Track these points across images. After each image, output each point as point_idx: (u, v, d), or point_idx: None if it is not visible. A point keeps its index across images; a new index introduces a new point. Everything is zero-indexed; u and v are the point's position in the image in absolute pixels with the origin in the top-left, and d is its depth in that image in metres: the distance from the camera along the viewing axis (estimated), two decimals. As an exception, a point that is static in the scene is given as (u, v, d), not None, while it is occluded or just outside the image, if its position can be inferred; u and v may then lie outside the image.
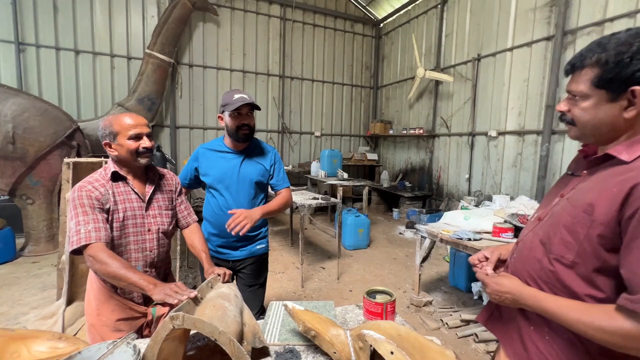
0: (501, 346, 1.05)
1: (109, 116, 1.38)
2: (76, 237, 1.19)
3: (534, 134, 4.55)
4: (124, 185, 1.36)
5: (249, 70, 6.98)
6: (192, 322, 0.90)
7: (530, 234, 0.95)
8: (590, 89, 0.78)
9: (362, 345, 1.03)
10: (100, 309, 1.35)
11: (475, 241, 2.40)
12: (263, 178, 1.83)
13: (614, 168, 0.79)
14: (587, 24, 3.91)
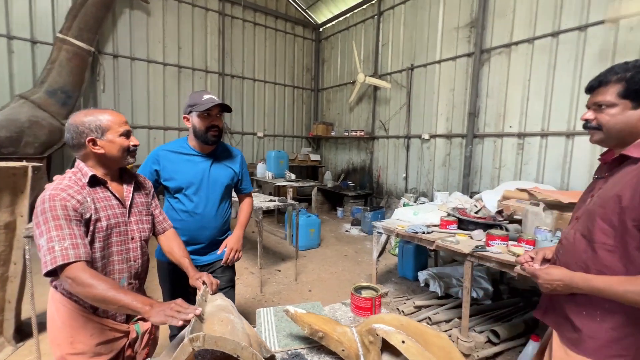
0: (555, 335, 1.18)
1: (80, 112, 1.20)
2: (50, 257, 1.01)
3: (460, 137, 5.21)
4: (102, 190, 1.21)
5: (185, 66, 6.50)
6: (213, 342, 0.86)
7: (571, 231, 1.13)
8: (616, 99, 1.00)
9: (372, 339, 1.09)
10: (76, 336, 1.17)
11: (428, 234, 2.67)
12: (232, 182, 1.80)
13: (630, 166, 1.00)
14: (498, 44, 4.64)
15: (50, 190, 1.09)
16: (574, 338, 1.10)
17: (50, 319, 1.21)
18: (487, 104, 4.81)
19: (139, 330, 1.32)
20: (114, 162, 1.23)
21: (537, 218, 2.49)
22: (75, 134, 1.17)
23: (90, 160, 1.20)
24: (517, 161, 4.52)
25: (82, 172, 1.18)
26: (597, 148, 3.76)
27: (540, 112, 4.25)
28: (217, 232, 1.77)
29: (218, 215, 1.75)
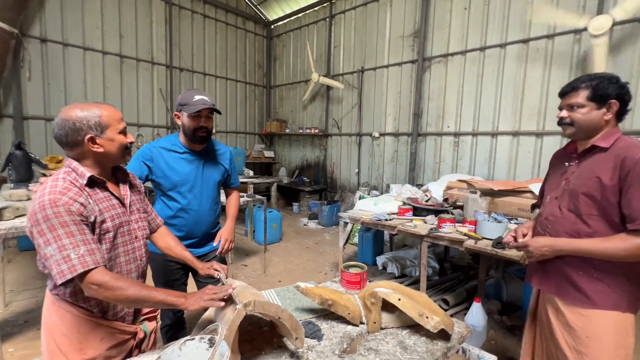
0: (558, 299, 1.37)
1: (73, 107, 1.10)
2: (66, 266, 0.98)
3: (406, 135, 5.78)
4: (101, 190, 1.16)
5: (128, 56, 6.02)
6: (261, 306, 1.02)
7: (555, 208, 1.37)
8: (586, 101, 1.28)
9: (374, 301, 1.33)
10: (85, 342, 1.14)
11: (390, 220, 3.03)
12: (223, 178, 1.89)
13: (599, 154, 1.28)
14: (437, 54, 5.27)
15: (49, 195, 1.01)
16: (578, 297, 1.31)
17: (51, 328, 1.15)
18: (429, 106, 5.44)
19: (146, 330, 1.34)
20: (112, 161, 1.19)
21: (475, 203, 3.01)
22: (70, 130, 1.07)
23: (86, 160, 1.13)
24: (453, 156, 5.22)
25: (78, 172, 1.10)
26: (515, 145, 4.57)
27: (471, 115, 4.97)
28: (210, 226, 1.86)
29: (211, 210, 1.84)
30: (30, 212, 1.02)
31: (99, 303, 1.17)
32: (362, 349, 1.21)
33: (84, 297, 1.14)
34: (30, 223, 1.02)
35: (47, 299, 1.19)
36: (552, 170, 1.52)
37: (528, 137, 4.45)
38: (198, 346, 0.91)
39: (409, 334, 1.32)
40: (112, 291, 1.02)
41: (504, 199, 3.05)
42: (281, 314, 1.05)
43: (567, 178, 1.37)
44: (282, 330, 1.15)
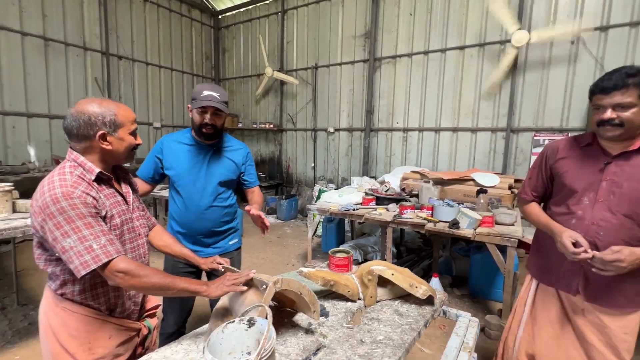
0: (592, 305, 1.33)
1: (89, 101, 1.09)
2: (89, 256, 0.98)
3: (359, 130, 6.12)
4: (107, 187, 1.15)
5: (54, 39, 5.30)
6: (287, 283, 1.14)
7: (606, 214, 1.26)
8: (637, 100, 1.17)
9: (370, 277, 1.51)
10: (94, 341, 1.12)
11: (357, 210, 3.26)
12: (233, 175, 1.78)
13: None
14: (387, 55, 5.67)
15: (60, 188, 1.00)
16: (622, 302, 1.29)
17: (55, 330, 1.11)
18: (380, 103, 5.83)
19: (150, 326, 1.34)
20: (116, 160, 1.18)
21: (429, 191, 3.40)
22: (84, 124, 1.06)
23: (92, 155, 1.11)
24: (402, 150, 5.70)
25: (86, 167, 1.09)
26: (454, 140, 5.18)
27: (417, 112, 5.48)
28: (213, 223, 1.76)
29: (215, 207, 1.75)
30: (40, 206, 0.99)
31: (107, 301, 1.16)
32: (365, 320, 1.38)
33: (92, 295, 1.13)
34: (41, 217, 0.99)
35: (47, 301, 1.15)
36: (573, 166, 1.38)
37: (465, 132, 5.08)
38: (238, 327, 0.98)
39: (401, 303, 1.53)
40: (138, 278, 1.03)
41: (452, 187, 3.50)
42: (302, 289, 1.17)
43: (611, 179, 1.27)
44: (300, 305, 1.27)
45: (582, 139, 1.40)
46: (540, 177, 1.52)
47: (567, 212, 1.37)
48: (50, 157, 5.34)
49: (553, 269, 1.45)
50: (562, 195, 1.42)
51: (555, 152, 1.46)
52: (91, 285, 1.12)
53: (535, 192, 1.55)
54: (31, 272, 3.64)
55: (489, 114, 4.87)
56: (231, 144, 1.84)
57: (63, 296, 1.11)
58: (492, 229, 2.62)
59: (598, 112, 1.26)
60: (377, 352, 1.14)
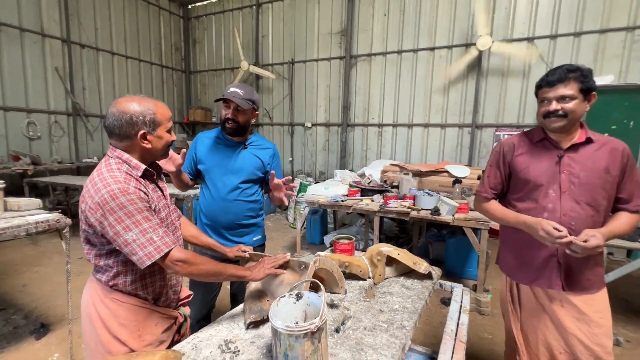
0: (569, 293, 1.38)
1: (129, 99, 1.11)
2: (152, 247, 1.05)
3: (336, 126, 6.32)
4: (150, 182, 1.20)
5: (6, 23, 4.84)
6: (323, 262, 1.29)
7: (573, 204, 1.34)
8: (577, 93, 1.27)
9: (380, 257, 1.71)
10: (143, 329, 1.19)
11: (344, 201, 3.46)
12: (258, 172, 1.82)
13: (591, 145, 1.34)
14: (362, 53, 5.90)
15: (115, 185, 1.04)
16: (587, 285, 1.38)
17: (105, 320, 1.16)
18: (356, 99, 6.07)
19: (185, 314, 1.41)
20: (154, 157, 1.21)
21: (408, 183, 3.69)
22: (126, 123, 1.09)
23: (133, 153, 1.15)
24: (378, 145, 6.00)
25: (132, 164, 1.12)
26: (426, 135, 5.56)
27: (391, 109, 5.80)
28: (237, 217, 1.81)
29: (240, 201, 1.80)
30: (98, 202, 1.03)
31: (154, 290, 1.23)
32: (378, 294, 1.57)
33: (142, 285, 1.19)
34: (100, 212, 1.03)
35: (96, 293, 1.18)
36: (532, 161, 1.43)
37: (435, 128, 5.48)
38: (288, 301, 1.12)
39: (405, 279, 1.74)
40: (195, 266, 1.12)
41: (428, 178, 3.83)
42: (333, 267, 1.34)
43: (568, 170, 1.35)
44: (329, 281, 1.43)
45: (534, 135, 1.46)
46: (499, 175, 1.54)
47: (535, 207, 1.41)
48: (7, 153, 4.92)
49: (529, 267, 1.46)
50: (527, 191, 1.44)
51: (512, 149, 1.49)
52: (141, 275, 1.18)
53: (494, 190, 1.56)
54: (1, 276, 3.41)
55: (456, 111, 5.30)
56: (260, 143, 1.89)
57: (114, 287, 1.16)
58: (468, 214, 2.95)
59: (544, 104, 1.34)
60: (396, 317, 1.34)
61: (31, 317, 2.70)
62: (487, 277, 3.30)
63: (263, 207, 2.01)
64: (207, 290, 1.88)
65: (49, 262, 3.82)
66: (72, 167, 5.34)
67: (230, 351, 1.11)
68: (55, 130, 5.54)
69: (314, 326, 0.95)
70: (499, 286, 3.30)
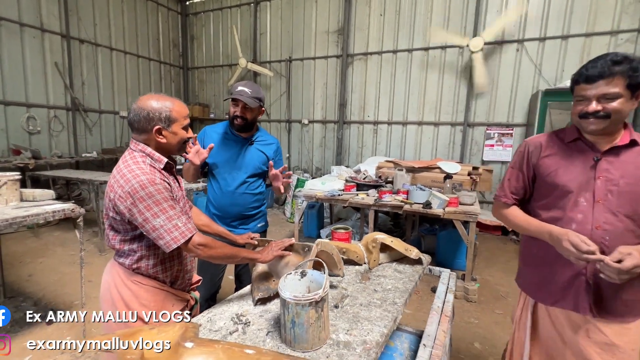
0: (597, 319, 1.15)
1: (149, 97, 1.22)
2: (177, 232, 1.16)
3: (333, 123, 6.46)
4: (169, 174, 1.29)
5: (6, 17, 4.87)
6: (324, 245, 1.44)
7: (608, 215, 1.11)
8: (623, 90, 1.04)
9: (374, 244, 1.87)
10: (161, 309, 1.27)
11: (341, 196, 3.62)
12: (263, 166, 1.94)
13: (636, 148, 1.13)
14: (359, 52, 6.03)
15: (144, 175, 1.14)
16: (625, 310, 1.14)
17: (128, 301, 1.26)
18: (352, 97, 6.21)
19: (196, 297, 1.53)
20: (169, 151, 1.29)
21: (402, 178, 3.85)
22: (143, 119, 1.19)
23: (152, 146, 1.24)
24: (373, 142, 6.16)
25: (154, 157, 1.23)
26: (419, 133, 5.74)
27: (386, 107, 5.95)
28: (244, 208, 1.94)
29: (247, 194, 1.93)
30: (129, 191, 1.13)
31: (172, 274, 1.35)
32: (373, 277, 1.73)
33: (163, 269, 1.31)
34: (130, 201, 1.13)
35: (119, 276, 1.28)
36: (561, 164, 1.23)
37: (428, 126, 5.66)
38: (294, 278, 1.27)
39: (397, 264, 1.90)
40: (214, 249, 1.24)
41: (421, 174, 3.99)
42: (333, 251, 1.49)
43: (605, 176, 1.14)
44: (328, 264, 1.58)
45: (566, 135, 1.25)
46: (522, 178, 1.34)
47: (562, 217, 1.19)
48: (7, 147, 4.97)
49: (552, 285, 1.25)
50: (553, 198, 1.24)
51: (538, 149, 1.29)
52: (162, 259, 1.29)
53: (516, 195, 1.37)
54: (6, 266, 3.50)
55: (449, 109, 5.48)
56: (265, 138, 1.99)
57: (136, 270, 1.27)
58: (457, 208, 3.12)
59: (580, 103, 1.13)
60: (389, 295, 1.49)
61: (40, 305, 2.81)
62: (475, 267, 3.48)
63: (266, 197, 2.17)
64: (215, 272, 2.02)
65: (52, 254, 3.91)
66: (72, 162, 5.40)
67: (241, 322, 1.25)
68: (54, 125, 5.59)
69: (318, 296, 1.10)
70: (487, 276, 3.52)
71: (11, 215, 1.78)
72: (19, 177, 2.06)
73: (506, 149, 5.09)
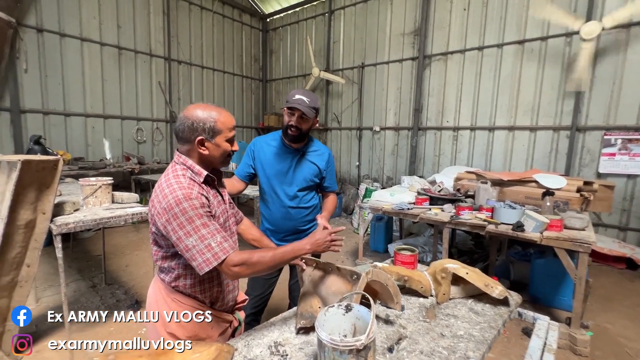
0: None
1: (195, 106, 1.16)
2: (210, 254, 1.07)
3: (406, 129, 6.05)
4: (211, 188, 1.22)
5: (126, 47, 5.88)
6: (376, 274, 1.22)
7: None
8: None
9: (444, 275, 1.55)
10: (199, 330, 1.23)
11: (411, 210, 3.27)
12: (316, 178, 1.85)
13: None
14: (437, 52, 5.54)
15: (180, 191, 1.07)
16: None
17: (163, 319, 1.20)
18: (429, 102, 5.72)
19: (240, 319, 1.41)
20: (211, 164, 1.22)
21: (486, 192, 3.30)
22: (188, 128, 1.13)
23: (193, 157, 1.18)
24: (452, 150, 5.55)
25: (195, 170, 1.16)
26: (510, 139, 4.94)
27: (469, 111, 5.30)
28: (297, 222, 1.86)
29: (300, 207, 1.84)
30: (165, 207, 1.07)
31: (211, 295, 1.26)
32: (440, 315, 1.42)
33: (201, 289, 1.23)
34: (165, 217, 1.06)
35: (160, 292, 1.25)
36: None
37: (522, 131, 4.83)
38: (336, 312, 1.08)
39: (474, 302, 1.54)
40: (253, 267, 1.12)
41: (511, 189, 3.37)
42: (388, 281, 1.25)
43: None
44: (383, 295, 1.35)
45: None
46: None
47: None
48: (122, 154, 5.94)
49: None
50: None
51: None
52: (200, 280, 1.21)
53: None
54: (110, 256, 4.11)
55: (550, 111, 4.58)
56: (316, 148, 1.89)
57: (175, 288, 1.21)
58: (561, 233, 2.50)
59: None
60: (460, 345, 1.18)
61: (129, 293, 3.18)
62: (587, 310, 2.74)
63: (320, 209, 2.01)
64: (265, 285, 1.94)
65: (146, 247, 4.46)
66: (168, 167, 6.18)
67: (279, 354, 1.12)
68: (156, 135, 6.50)
69: (359, 343, 0.89)
70: (604, 323, 2.73)
71: (99, 216, 2.02)
72: (111, 182, 2.35)
73: (635, 158, 3.99)
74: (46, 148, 3.37)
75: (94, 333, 2.44)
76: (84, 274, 3.56)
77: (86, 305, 2.96)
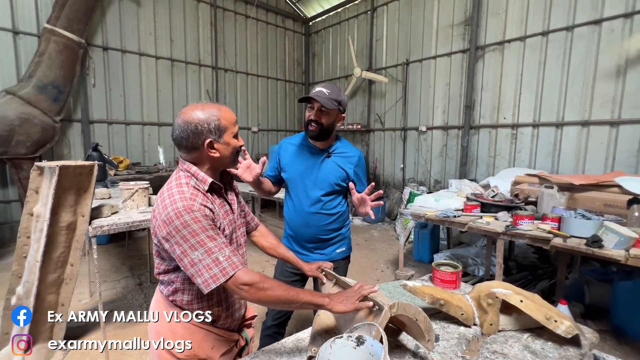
0: None
1: (192, 108, 1.05)
2: (218, 269, 0.96)
3: (456, 128, 5.55)
4: (217, 196, 1.12)
5: (177, 59, 6.29)
6: (403, 308, 1.00)
7: None
8: None
9: (491, 302, 1.27)
10: (198, 349, 1.12)
11: (458, 217, 2.91)
12: (343, 182, 1.68)
13: None
14: (492, 42, 4.99)
15: (181, 202, 0.98)
16: None
17: (165, 334, 1.12)
18: (482, 97, 5.18)
19: (247, 338, 1.31)
20: (224, 166, 1.13)
21: (552, 199, 2.81)
22: (192, 134, 1.02)
23: (203, 165, 1.08)
24: (511, 150, 4.94)
25: (199, 177, 1.06)
26: (583, 136, 4.24)
27: (531, 105, 4.67)
28: (318, 230, 1.69)
29: (322, 214, 1.68)
30: (165, 220, 0.98)
31: (211, 313, 1.15)
32: (485, 352, 1.15)
33: (199, 307, 1.13)
34: (166, 230, 0.98)
35: (159, 305, 1.16)
36: None
37: (600, 127, 4.10)
38: (346, 344, 0.91)
39: (532, 337, 1.24)
40: (263, 292, 0.98)
41: (585, 195, 2.82)
42: (418, 315, 1.02)
43: None
44: (412, 330, 1.12)
45: None
46: None
47: None
48: (174, 159, 6.35)
49: None
50: None
51: None
52: (199, 296, 1.11)
53: None
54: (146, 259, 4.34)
55: (637, 102, 3.82)
56: (345, 150, 1.72)
57: (173, 303, 1.13)
58: (655, 251, 1.99)
59: None
60: (509, 398, 0.92)
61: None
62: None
63: (348, 217, 1.83)
64: None
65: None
66: (214, 171, 6.47)
67: (281, 386, 0.97)
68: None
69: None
70: None
71: (132, 219, 2.09)
72: (147, 186, 2.43)
73: None
74: (103, 154, 3.68)
75: (133, 331, 2.53)
76: (134, 272, 3.80)
77: (131, 302, 3.12)
